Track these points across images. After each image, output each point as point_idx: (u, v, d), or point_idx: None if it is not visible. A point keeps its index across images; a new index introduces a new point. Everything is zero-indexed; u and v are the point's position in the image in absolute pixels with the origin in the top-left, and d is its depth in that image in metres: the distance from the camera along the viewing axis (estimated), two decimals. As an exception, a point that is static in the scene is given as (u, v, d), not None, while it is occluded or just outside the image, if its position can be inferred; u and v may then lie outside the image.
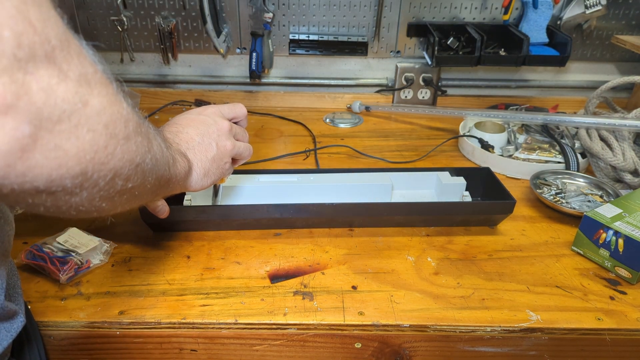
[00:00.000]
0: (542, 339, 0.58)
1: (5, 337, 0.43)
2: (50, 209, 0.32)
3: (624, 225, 0.65)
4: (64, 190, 0.30)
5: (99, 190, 0.32)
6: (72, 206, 0.32)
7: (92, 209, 0.34)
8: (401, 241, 0.73)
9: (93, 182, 0.31)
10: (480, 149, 0.96)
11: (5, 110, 0.25)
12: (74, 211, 0.33)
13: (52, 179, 0.28)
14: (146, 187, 0.38)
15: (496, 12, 1.17)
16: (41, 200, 0.30)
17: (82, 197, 0.32)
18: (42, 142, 0.27)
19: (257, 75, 1.20)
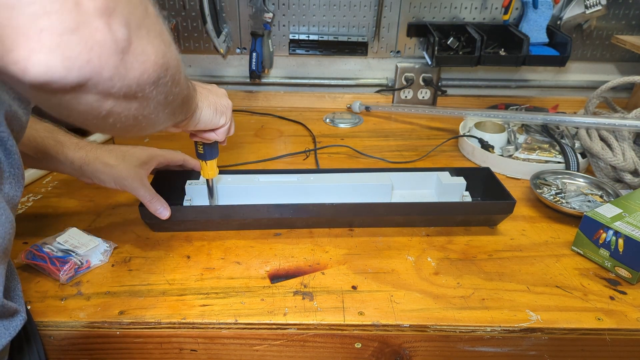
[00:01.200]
0: (542, 339, 0.58)
1: (3, 335, 0.43)
2: (126, 120, 0.35)
3: (624, 225, 0.65)
4: (143, 95, 0.34)
5: (162, 94, 0.37)
6: (142, 115, 0.36)
7: (152, 119, 0.38)
8: (401, 241, 0.73)
9: (162, 85, 0.36)
10: (480, 149, 0.96)
11: (109, 13, 0.28)
12: (144, 121, 0.37)
13: (139, 82, 0.33)
14: (182, 93, 0.42)
15: (496, 12, 1.17)
16: (124, 108, 0.34)
17: (153, 101, 0.36)
18: (134, 46, 0.31)
19: (257, 75, 1.20)
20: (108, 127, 0.36)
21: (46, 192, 0.84)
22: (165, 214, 0.68)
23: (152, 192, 0.68)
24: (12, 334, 0.44)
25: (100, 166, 0.66)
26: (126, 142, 0.76)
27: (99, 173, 0.66)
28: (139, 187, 0.67)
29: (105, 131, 0.37)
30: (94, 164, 0.66)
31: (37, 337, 0.55)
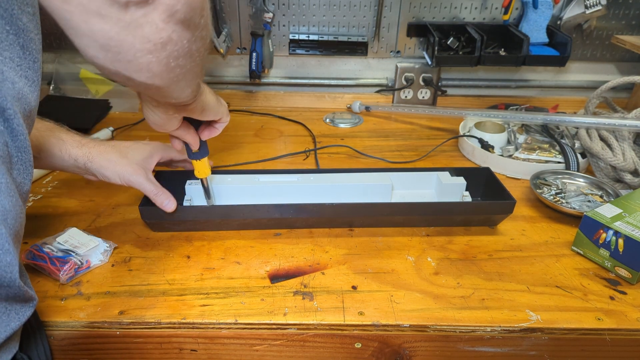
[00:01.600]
0: (542, 339, 0.58)
1: (14, 319, 0.44)
2: (177, 56, 0.39)
3: (624, 225, 0.65)
4: (194, 24, 0.38)
5: (204, 30, 0.41)
6: (189, 53, 0.40)
7: (191, 66, 0.42)
8: (401, 241, 0.73)
9: (204, 19, 0.40)
10: (480, 149, 0.96)
11: None
12: (187, 64, 0.41)
13: (193, 8, 0.37)
14: (209, 39, 0.45)
15: (496, 12, 1.17)
16: (180, 37, 0.38)
17: (198, 37, 0.40)
18: None
19: (257, 75, 1.20)
20: (160, 66, 0.39)
21: (46, 192, 0.84)
22: (172, 207, 0.68)
23: (157, 186, 0.67)
24: (22, 320, 0.44)
25: (104, 162, 0.66)
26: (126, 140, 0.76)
27: (103, 169, 0.66)
28: (144, 181, 0.67)
29: (155, 77, 0.39)
30: (97, 161, 0.66)
31: (43, 334, 0.55)
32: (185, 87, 0.46)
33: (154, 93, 0.46)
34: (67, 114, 1.11)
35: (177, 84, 0.43)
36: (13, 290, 0.42)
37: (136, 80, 0.40)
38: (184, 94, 0.47)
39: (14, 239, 0.42)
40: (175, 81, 0.43)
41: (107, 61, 0.38)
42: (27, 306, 0.46)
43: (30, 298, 0.46)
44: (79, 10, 0.33)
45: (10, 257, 0.41)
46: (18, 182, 0.43)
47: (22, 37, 0.41)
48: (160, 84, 0.41)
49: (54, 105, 1.15)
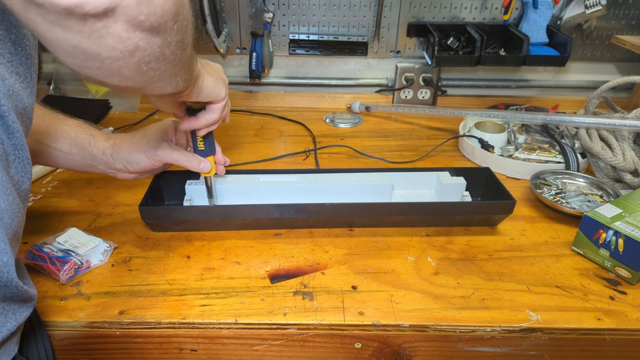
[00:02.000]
0: (542, 339, 0.58)
1: (11, 320, 0.43)
2: (149, 61, 0.38)
3: (624, 225, 0.65)
4: (165, 30, 0.37)
5: (180, 33, 0.39)
6: (162, 56, 0.39)
7: (170, 66, 0.41)
8: (401, 241, 0.73)
9: (180, 22, 0.38)
10: (480, 149, 0.96)
11: None
12: (163, 66, 0.40)
13: (163, 11, 0.35)
14: (190, 47, 0.45)
15: (496, 12, 1.17)
16: (149, 44, 0.37)
17: (173, 41, 0.39)
18: None
19: (257, 75, 1.20)
20: (131, 71, 0.38)
21: (46, 192, 0.84)
22: (208, 168, 0.67)
23: (185, 153, 0.67)
24: (19, 320, 0.44)
25: (128, 147, 0.66)
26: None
27: (129, 154, 0.66)
28: (172, 151, 0.66)
29: (127, 80, 0.38)
30: (122, 147, 0.66)
31: (45, 335, 0.55)
32: (166, 85, 0.44)
33: (136, 93, 0.46)
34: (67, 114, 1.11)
35: (154, 84, 0.42)
36: (10, 290, 0.42)
37: (109, 83, 0.39)
38: (167, 90, 0.46)
39: (11, 239, 0.41)
40: (151, 82, 0.42)
41: (77, 67, 0.37)
42: (26, 306, 0.45)
43: (29, 298, 0.45)
44: (40, 19, 0.32)
45: (6, 257, 0.40)
46: (16, 181, 0.43)
47: (13, 33, 0.40)
48: (134, 85, 0.41)
49: (54, 105, 1.13)
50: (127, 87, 0.40)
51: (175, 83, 0.46)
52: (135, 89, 0.42)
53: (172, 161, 0.67)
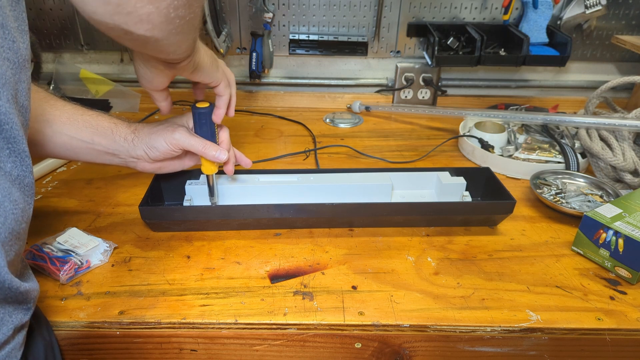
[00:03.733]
0: (542, 339, 0.58)
1: (7, 323, 0.42)
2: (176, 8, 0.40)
3: (624, 225, 0.65)
4: None
5: None
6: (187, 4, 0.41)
7: (191, 12, 0.43)
8: (401, 241, 0.73)
9: None
10: (480, 149, 0.96)
11: None
12: (186, 14, 0.42)
13: None
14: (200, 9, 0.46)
15: (496, 12, 1.17)
16: None
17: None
18: None
19: (257, 75, 1.20)
20: (160, 17, 0.39)
21: (46, 192, 0.84)
22: (224, 157, 0.66)
23: (202, 140, 0.66)
24: (15, 323, 0.43)
25: (148, 132, 0.66)
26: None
27: (148, 139, 0.65)
28: (190, 137, 0.65)
29: (154, 29, 0.40)
30: (142, 132, 0.66)
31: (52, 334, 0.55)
32: (183, 41, 0.46)
33: (151, 48, 0.46)
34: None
35: (175, 36, 0.43)
36: (3, 292, 0.41)
37: (135, 33, 0.40)
38: (181, 49, 0.47)
39: (4, 238, 0.40)
40: (174, 33, 0.42)
41: (107, 15, 0.37)
42: (22, 308, 0.44)
43: (26, 299, 0.44)
44: None
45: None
46: (15, 176, 0.41)
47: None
48: (159, 36, 0.41)
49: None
50: (151, 37, 0.41)
51: (190, 41, 0.47)
52: (157, 42, 0.43)
53: (188, 146, 0.65)
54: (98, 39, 1.19)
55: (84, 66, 1.21)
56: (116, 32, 0.40)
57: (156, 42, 0.43)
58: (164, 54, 0.48)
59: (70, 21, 1.16)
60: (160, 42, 0.43)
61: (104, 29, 0.40)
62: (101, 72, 1.22)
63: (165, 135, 0.65)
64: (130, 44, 0.45)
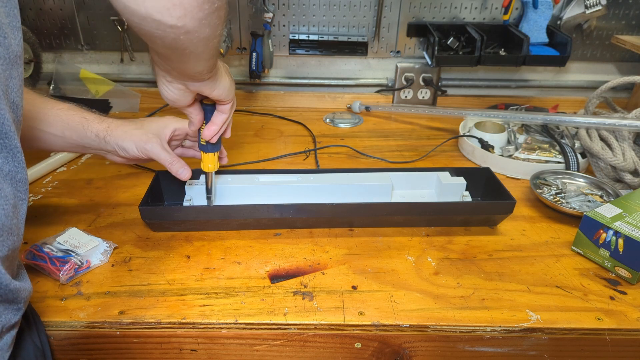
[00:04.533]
0: (542, 339, 0.58)
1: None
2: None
3: (624, 225, 0.65)
4: None
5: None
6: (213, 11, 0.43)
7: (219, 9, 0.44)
8: (401, 241, 0.73)
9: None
10: (480, 149, 0.96)
11: None
12: (212, 23, 0.44)
13: None
14: (221, 27, 0.47)
15: (496, 12, 1.17)
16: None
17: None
18: None
19: (257, 75, 1.20)
20: (192, 3, 0.41)
21: (46, 192, 0.84)
22: (186, 175, 0.69)
23: (171, 155, 0.69)
24: (2, 323, 0.42)
25: (122, 134, 0.68)
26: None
27: (121, 141, 0.67)
28: (160, 150, 0.68)
29: (185, 17, 0.41)
30: (116, 132, 0.67)
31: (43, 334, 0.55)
32: (209, 40, 0.46)
33: (179, 55, 0.47)
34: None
35: (205, 29, 0.44)
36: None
37: (166, 23, 0.41)
38: (205, 55, 0.48)
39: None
40: (204, 24, 0.43)
41: (140, 1, 0.38)
42: (11, 308, 0.44)
43: (15, 299, 0.44)
44: None
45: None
46: (7, 171, 0.42)
47: None
48: (190, 26, 0.42)
49: (54, 105, 1.14)
50: (182, 27, 0.42)
51: (214, 45, 0.48)
52: (185, 45, 0.44)
53: (157, 159, 0.69)
54: (98, 39, 1.19)
55: (84, 66, 1.21)
56: (147, 24, 0.41)
57: (186, 36, 0.43)
58: (190, 65, 0.49)
59: (70, 21, 1.16)
60: (189, 37, 0.44)
61: (136, 21, 0.41)
62: (101, 72, 1.22)
63: (137, 142, 0.67)
64: (161, 46, 0.46)
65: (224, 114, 0.63)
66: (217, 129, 0.63)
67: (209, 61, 0.50)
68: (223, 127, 0.64)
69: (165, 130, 0.72)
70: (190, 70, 0.51)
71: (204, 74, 0.53)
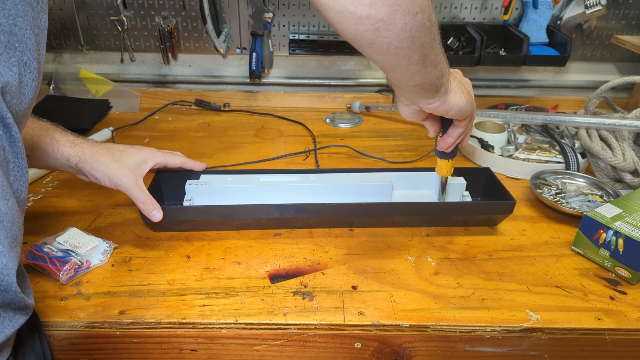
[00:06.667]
0: (542, 339, 0.58)
1: (8, 327, 0.43)
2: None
3: (624, 225, 0.65)
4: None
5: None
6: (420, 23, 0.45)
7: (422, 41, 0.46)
8: (401, 241, 0.73)
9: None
10: (480, 149, 0.96)
11: None
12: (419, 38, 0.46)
13: None
14: (434, 40, 0.49)
15: (496, 12, 1.17)
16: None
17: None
18: None
19: (257, 75, 1.20)
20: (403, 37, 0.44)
21: (46, 192, 0.84)
22: (158, 217, 0.68)
23: (145, 194, 0.67)
24: (15, 327, 0.43)
25: (96, 164, 0.66)
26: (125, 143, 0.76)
27: (94, 171, 0.66)
28: (133, 187, 0.66)
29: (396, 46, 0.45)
30: (89, 161, 0.66)
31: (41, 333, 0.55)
32: (411, 35, 0.46)
33: (388, 58, 0.49)
34: (67, 114, 1.11)
35: (399, 16, 0.44)
36: (9, 295, 0.41)
37: (361, 14, 0.43)
38: (415, 65, 0.48)
39: (10, 243, 0.41)
40: (397, 11, 0.44)
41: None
42: (21, 314, 0.44)
43: (26, 307, 0.45)
44: None
45: (5, 259, 0.40)
46: (15, 189, 0.43)
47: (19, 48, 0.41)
48: (383, 13, 0.43)
49: (54, 105, 1.15)
50: (373, 18, 0.44)
51: (422, 43, 0.48)
52: (385, 33, 0.45)
53: (129, 196, 0.67)
54: (98, 39, 1.19)
55: (84, 66, 1.21)
56: (348, 22, 0.44)
57: (384, 27, 0.44)
58: (407, 73, 0.50)
59: (70, 21, 1.16)
60: (388, 29, 0.44)
61: (336, 19, 0.44)
62: (101, 72, 1.22)
63: (111, 176, 0.66)
64: (370, 50, 0.49)
65: (460, 128, 0.63)
66: (453, 141, 0.65)
67: (425, 68, 0.50)
68: (459, 138, 0.65)
69: (144, 166, 0.70)
70: (411, 81, 0.51)
71: (428, 88, 0.52)
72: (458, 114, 0.59)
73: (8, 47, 0.40)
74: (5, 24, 0.39)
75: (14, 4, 0.39)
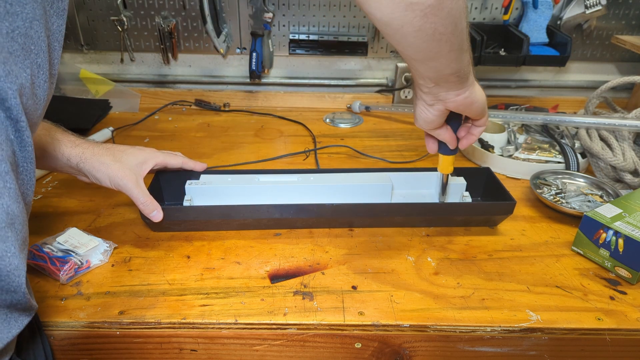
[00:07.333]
0: (542, 339, 0.58)
1: (14, 327, 0.43)
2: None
3: (624, 225, 0.65)
4: None
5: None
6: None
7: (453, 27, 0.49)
8: (401, 241, 0.73)
9: None
10: (480, 149, 0.96)
11: None
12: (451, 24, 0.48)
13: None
14: (463, 33, 0.52)
15: (496, 12, 1.17)
16: None
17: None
18: None
19: (257, 75, 1.20)
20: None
21: (46, 192, 0.84)
22: (158, 217, 0.68)
23: (145, 194, 0.67)
24: (20, 328, 0.44)
25: (97, 164, 0.66)
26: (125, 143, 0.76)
27: (95, 171, 0.66)
28: (133, 187, 0.66)
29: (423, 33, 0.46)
30: (90, 162, 0.66)
31: (42, 333, 0.55)
32: (451, 14, 0.47)
33: (427, 44, 0.49)
34: (67, 114, 1.11)
35: (445, 19, 0.46)
36: (18, 296, 0.42)
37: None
38: (453, 51, 0.51)
39: (20, 245, 0.42)
40: (444, 45, 0.47)
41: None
42: (25, 315, 0.45)
43: (30, 308, 0.45)
44: None
45: (17, 261, 0.41)
46: (22, 192, 0.43)
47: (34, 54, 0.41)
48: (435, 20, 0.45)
49: (54, 105, 1.13)
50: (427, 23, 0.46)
51: (456, 56, 0.52)
52: (423, 16, 0.46)
53: (130, 196, 0.67)
54: (98, 39, 1.19)
55: (84, 66, 1.21)
56: (385, 9, 0.44)
57: (420, 8, 0.45)
58: (445, 59, 0.52)
59: (70, 21, 1.16)
60: (422, 10, 0.45)
61: (403, 7, 0.44)
62: (101, 72, 1.22)
63: (112, 176, 0.66)
64: (410, 38, 0.48)
65: (482, 127, 0.65)
66: (475, 139, 0.67)
67: (462, 53, 0.53)
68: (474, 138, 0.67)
69: (144, 166, 0.70)
70: (449, 69, 0.53)
71: (461, 75, 0.55)
72: (479, 109, 0.60)
73: (24, 50, 0.40)
74: (22, 26, 0.40)
75: (32, 8, 0.40)
